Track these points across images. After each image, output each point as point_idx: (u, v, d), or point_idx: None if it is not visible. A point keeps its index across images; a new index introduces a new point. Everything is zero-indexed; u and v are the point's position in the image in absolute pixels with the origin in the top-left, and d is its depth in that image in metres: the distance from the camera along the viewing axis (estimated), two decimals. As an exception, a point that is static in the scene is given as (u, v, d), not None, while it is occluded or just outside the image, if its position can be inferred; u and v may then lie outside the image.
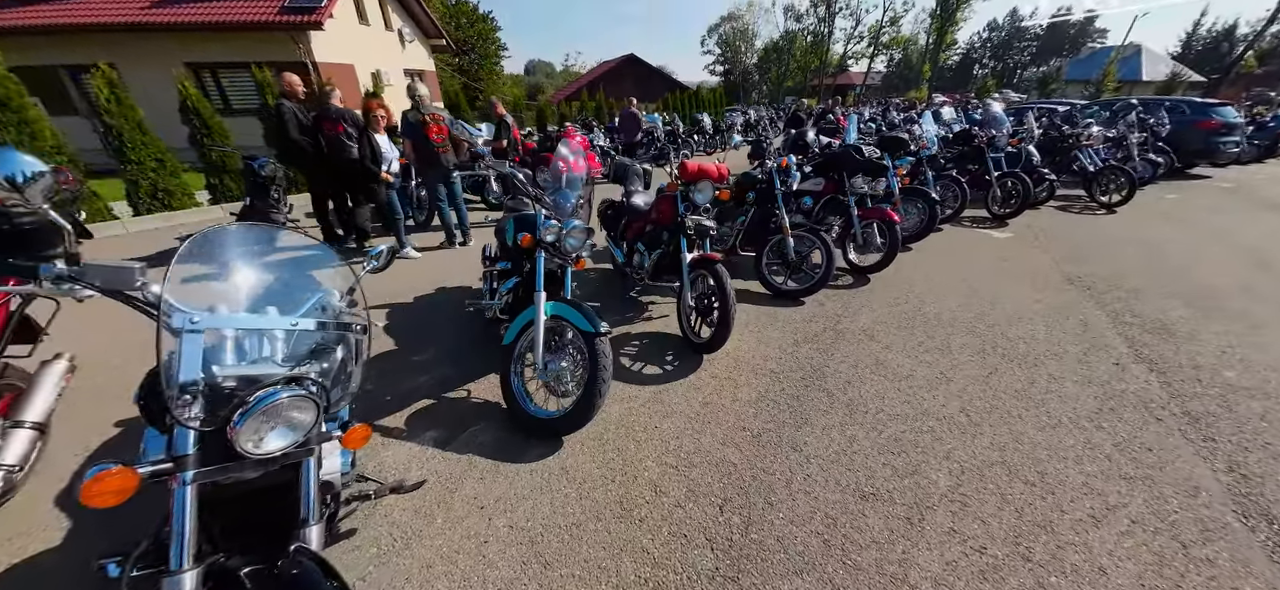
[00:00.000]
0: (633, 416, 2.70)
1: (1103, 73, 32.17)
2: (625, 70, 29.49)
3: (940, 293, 4.35)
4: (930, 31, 50.96)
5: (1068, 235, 6.11)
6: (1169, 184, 9.43)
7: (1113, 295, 4.25)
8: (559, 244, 2.64)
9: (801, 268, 4.27)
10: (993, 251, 5.53)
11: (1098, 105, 11.80)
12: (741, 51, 62.40)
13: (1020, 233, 6.28)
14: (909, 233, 5.70)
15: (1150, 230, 6.25)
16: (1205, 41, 55.64)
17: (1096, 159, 7.84)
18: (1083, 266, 4.99)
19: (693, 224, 3.40)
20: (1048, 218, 7.06)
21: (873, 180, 4.83)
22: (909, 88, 54.08)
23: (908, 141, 5.75)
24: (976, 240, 6.00)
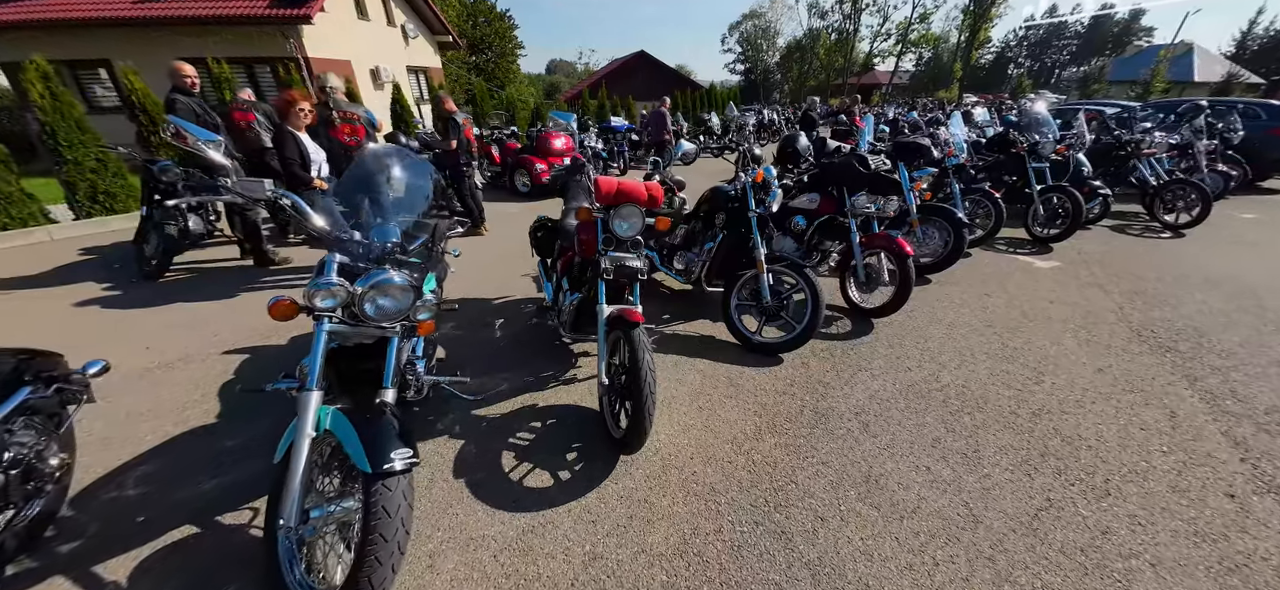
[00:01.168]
0: (476, 576, 1.75)
1: (1151, 72, 29.76)
2: (637, 68, 28.44)
3: (966, 351, 3.28)
4: (962, 28, 48.44)
5: (1128, 266, 4.91)
6: (1241, 200, 8.00)
7: (1202, 363, 3.11)
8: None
9: (780, 313, 3.26)
10: (1035, 288, 4.39)
11: (1155, 107, 10.31)
12: (763, 50, 60.74)
13: (1069, 261, 5.10)
14: (930, 261, 4.62)
15: (1230, 260, 5.00)
16: (1262, 40, 51.56)
17: (1160, 171, 6.54)
18: (1153, 312, 3.84)
19: (612, 264, 2.43)
20: (1101, 241, 5.83)
21: (881, 198, 3.77)
22: (939, 88, 51.63)
23: (928, 149, 4.65)
24: (1014, 271, 4.85)
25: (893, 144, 4.78)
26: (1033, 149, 5.62)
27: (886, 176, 3.63)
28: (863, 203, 3.69)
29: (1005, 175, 5.97)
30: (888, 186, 3.69)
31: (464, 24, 35.49)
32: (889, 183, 3.66)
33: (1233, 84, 30.55)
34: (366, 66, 15.24)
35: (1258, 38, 51.63)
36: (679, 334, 3.59)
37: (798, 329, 3.12)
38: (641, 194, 2.47)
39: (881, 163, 3.68)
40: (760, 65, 61.07)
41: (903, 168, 4.61)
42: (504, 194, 8.71)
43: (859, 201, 3.69)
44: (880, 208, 3.79)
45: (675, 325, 3.72)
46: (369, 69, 15.38)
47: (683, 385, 2.93)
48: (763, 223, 3.22)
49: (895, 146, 4.73)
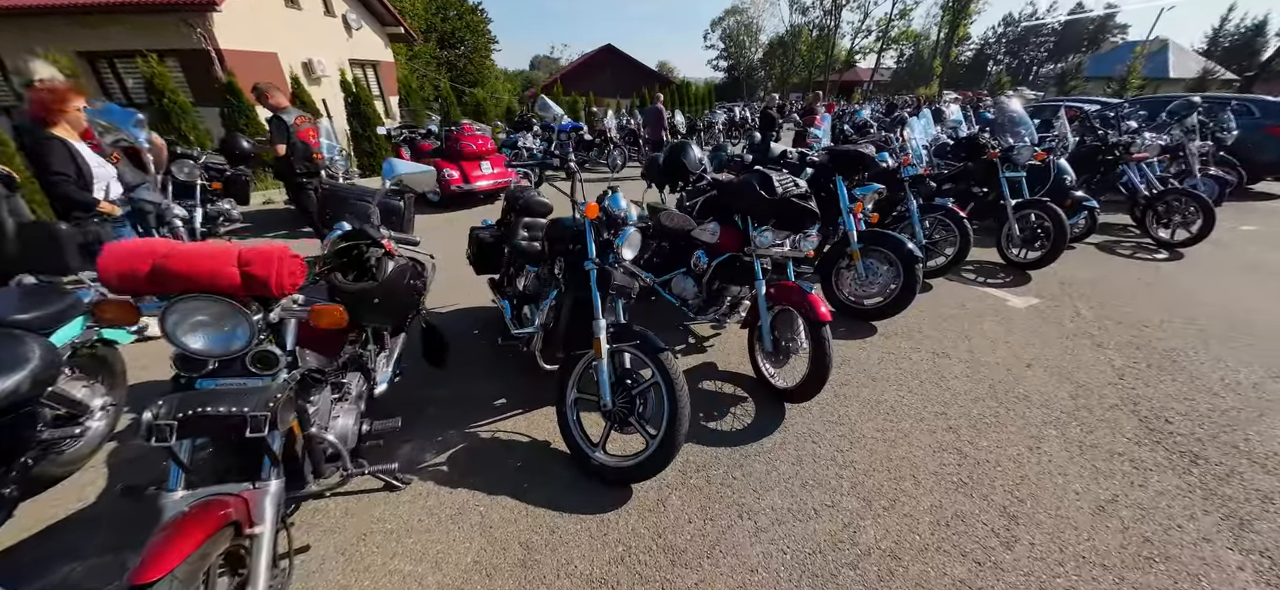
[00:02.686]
0: None
1: (1128, 68, 29.18)
2: (603, 62, 27.11)
3: (905, 472, 2.21)
4: (942, 25, 47.86)
5: (1124, 304, 3.90)
6: (1237, 208, 7.10)
7: (1244, 485, 2.09)
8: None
9: (629, 417, 2.16)
10: (1008, 341, 3.35)
11: (1142, 103, 9.41)
12: (746, 46, 59.69)
13: (1051, 296, 4.08)
14: (877, 303, 3.57)
15: (1244, 294, 4.02)
16: (1232, 37, 51.68)
17: (1152, 177, 5.57)
18: (1165, 384, 2.81)
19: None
20: (1088, 264, 4.83)
21: (793, 233, 2.69)
22: (920, 85, 51.05)
23: (870, 158, 3.59)
24: (982, 312, 3.81)
25: (827, 153, 3.71)
26: (1007, 155, 4.60)
27: (797, 203, 2.55)
28: (767, 240, 2.60)
29: (975, 186, 4.94)
30: (799, 217, 2.60)
31: (433, 17, 33.89)
32: (801, 212, 2.57)
33: (1208, 80, 30.15)
34: (297, 60, 13.83)
35: (1229, 34, 51.78)
36: (497, 437, 2.48)
37: (652, 443, 2.03)
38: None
39: (789, 183, 2.58)
40: (743, 62, 60.10)
41: (840, 184, 3.56)
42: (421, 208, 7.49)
43: (763, 238, 2.60)
44: (795, 244, 2.70)
45: (494, 423, 2.60)
46: (300, 62, 13.96)
47: (447, 559, 1.81)
48: (604, 280, 2.11)
49: (830, 156, 3.67)
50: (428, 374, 2.74)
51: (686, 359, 3.15)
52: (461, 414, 2.60)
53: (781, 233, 2.67)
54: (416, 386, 2.79)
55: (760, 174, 2.64)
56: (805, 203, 2.60)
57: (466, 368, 3.04)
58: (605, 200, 2.29)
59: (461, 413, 2.61)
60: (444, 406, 2.67)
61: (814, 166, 3.79)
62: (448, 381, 2.85)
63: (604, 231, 2.24)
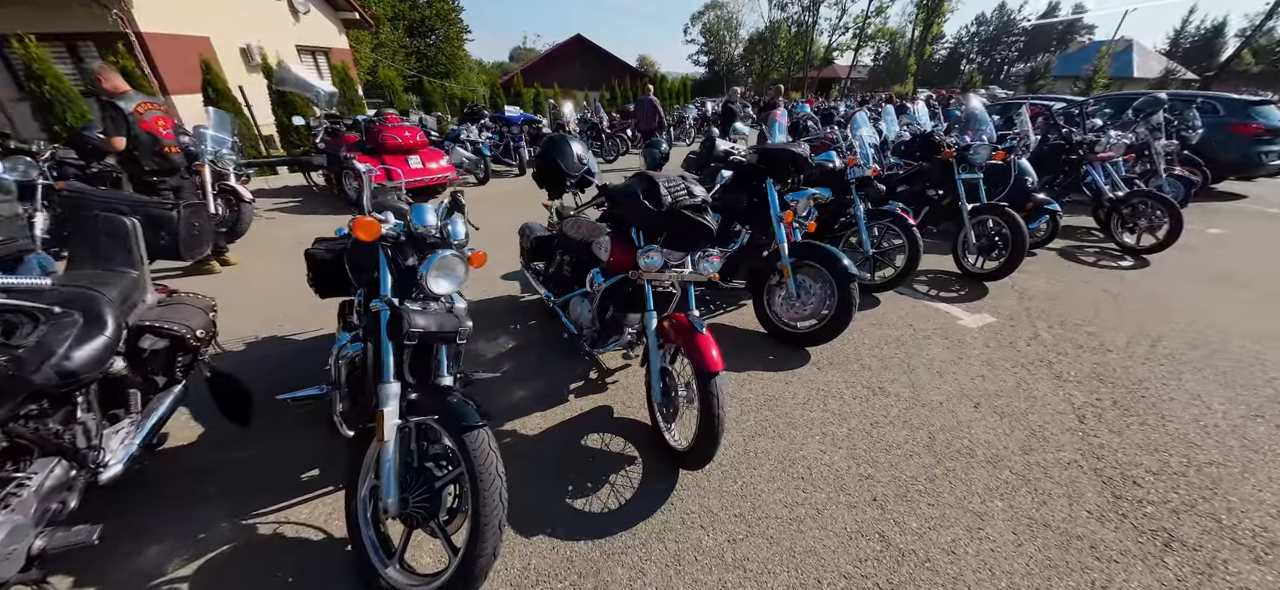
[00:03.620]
0: None
1: (1093, 68, 29.54)
2: (574, 54, 26.25)
3: (813, 569, 1.70)
4: (916, 22, 48.08)
5: (1086, 324, 3.47)
6: (1201, 209, 6.84)
7: (1229, 576, 1.63)
8: None
9: (430, 520, 1.58)
10: (955, 372, 2.88)
11: (1107, 101, 9.15)
12: (726, 41, 59.24)
13: (1007, 313, 3.63)
14: (810, 327, 3.06)
15: (1214, 307, 3.64)
16: (1193, 39, 53.08)
17: (1116, 178, 5.20)
18: (1132, 432, 2.37)
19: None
20: (1048, 273, 4.42)
21: (692, 251, 2.14)
22: (895, 82, 51.25)
23: (804, 158, 3.07)
24: (931, 333, 3.34)
25: (755, 153, 3.18)
26: (963, 155, 4.14)
27: (688, 217, 2.01)
28: (654, 261, 2.05)
29: (929, 188, 4.48)
30: (691, 233, 2.06)
31: (400, 4, 32.53)
32: (691, 227, 2.03)
33: (1170, 79, 30.71)
34: (234, 44, 12.83)
35: (1189, 35, 53.17)
36: (281, 533, 1.89)
37: (453, 562, 1.46)
38: None
39: (683, 192, 2.04)
40: (724, 57, 59.70)
41: (771, 188, 3.04)
42: (326, 206, 6.73)
43: (648, 259, 2.05)
44: (696, 263, 2.15)
45: (288, 508, 2.00)
46: (238, 48, 12.97)
47: None
48: (395, 326, 1.53)
49: (759, 156, 3.14)
50: (235, 431, 2.14)
51: (579, 402, 2.60)
52: (252, 492, 2.00)
53: (676, 252, 2.12)
54: (213, 448, 2.18)
55: (646, 179, 2.08)
56: (699, 215, 2.05)
57: (284, 423, 2.41)
58: (417, 214, 1.70)
59: (253, 490, 2.01)
60: (233, 480, 2.07)
61: (739, 168, 3.26)
62: (256, 441, 2.24)
63: (411, 254, 1.66)
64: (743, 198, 3.31)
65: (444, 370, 1.71)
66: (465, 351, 3.02)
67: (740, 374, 2.83)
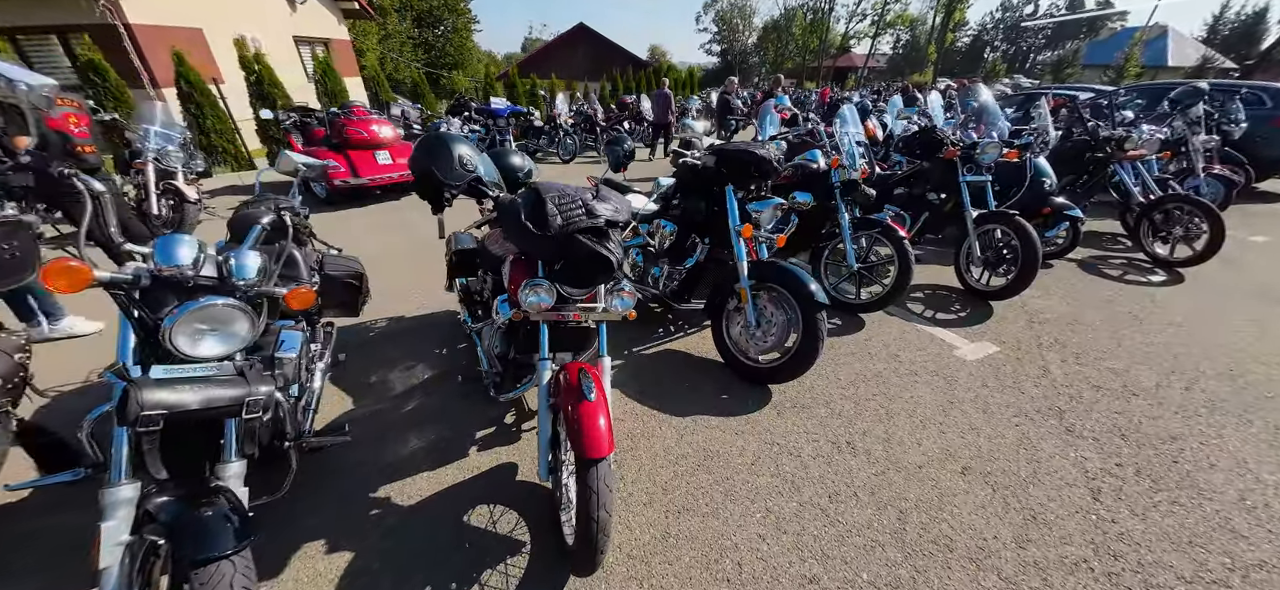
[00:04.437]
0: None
1: (1125, 56, 27.94)
2: (578, 43, 25.59)
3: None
4: (937, 9, 46.32)
5: (1107, 357, 2.93)
6: (1242, 212, 6.14)
7: None
8: None
9: None
10: (940, 423, 2.39)
11: (1140, 91, 8.36)
12: (739, 30, 57.93)
13: (1013, 341, 3.10)
14: (774, 363, 2.59)
15: (1265, 339, 3.06)
16: (1233, 25, 50.18)
17: (1149, 180, 4.57)
18: (1160, 511, 1.87)
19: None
20: (1065, 291, 3.85)
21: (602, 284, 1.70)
22: (915, 71, 49.57)
23: (768, 162, 2.58)
24: (918, 367, 2.83)
25: (713, 153, 2.70)
26: (968, 154, 3.59)
27: (583, 244, 1.56)
28: (539, 299, 1.60)
29: (930, 191, 3.94)
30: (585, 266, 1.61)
31: (408, -5, 32.23)
32: (586, 258, 1.58)
33: (1208, 68, 28.94)
34: (228, 35, 12.59)
35: (1229, 22, 50.28)
36: None
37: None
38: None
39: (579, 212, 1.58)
40: (737, 46, 58.47)
41: (731, 196, 2.57)
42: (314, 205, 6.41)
43: (531, 296, 1.60)
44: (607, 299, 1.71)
45: None
46: (232, 39, 12.73)
47: None
48: (121, 407, 1.11)
49: (717, 157, 2.66)
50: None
51: (480, 458, 2.17)
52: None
53: (578, 287, 1.67)
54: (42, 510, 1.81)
55: (533, 193, 1.63)
56: (598, 242, 1.60)
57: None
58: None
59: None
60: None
61: (695, 172, 2.79)
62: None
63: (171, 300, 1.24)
64: (701, 205, 2.85)
65: (231, 454, 1.29)
66: (374, 384, 2.63)
67: (683, 419, 2.38)
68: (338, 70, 15.60)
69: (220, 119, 7.64)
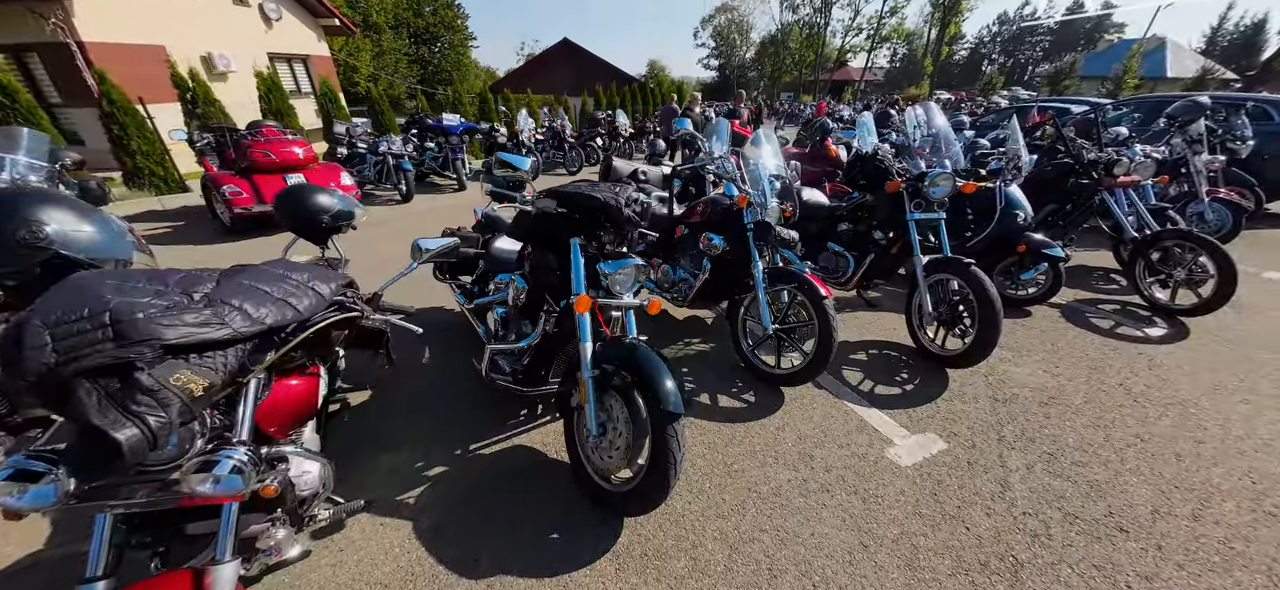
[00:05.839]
0: None
1: (1122, 67, 27.10)
2: (561, 58, 25.03)
3: None
4: (932, 22, 45.78)
5: (1092, 453, 2.18)
6: (1252, 240, 5.37)
7: None
8: None
9: None
10: (848, 582, 1.66)
11: (1134, 104, 7.61)
12: (737, 45, 57.66)
13: (967, 431, 2.35)
14: (624, 486, 1.87)
15: (1302, 429, 2.31)
16: (1231, 36, 49.21)
17: (1143, 209, 3.82)
18: None
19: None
20: (1042, 351, 3.09)
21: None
22: (912, 84, 48.96)
23: (616, 210, 1.89)
24: (833, 477, 2.09)
25: (554, 198, 2.00)
26: (916, 187, 2.86)
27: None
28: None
29: (877, 229, 3.21)
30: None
31: (404, 11, 32.11)
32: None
33: (1208, 80, 28.03)
34: (195, 52, 12.15)
35: (1228, 33, 49.34)
36: None
37: None
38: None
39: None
40: (735, 60, 58.27)
41: (576, 251, 1.89)
42: (211, 233, 5.68)
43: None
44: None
45: None
46: (199, 56, 12.30)
47: None
48: None
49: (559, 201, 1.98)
50: None
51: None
52: None
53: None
54: None
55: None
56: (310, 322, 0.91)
57: None
58: None
59: None
60: None
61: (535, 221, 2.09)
62: None
63: None
64: (552, 261, 2.15)
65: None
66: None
67: (478, 582, 1.66)
68: (301, 86, 15.16)
69: (147, 140, 7.05)
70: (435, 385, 2.76)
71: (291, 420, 1.42)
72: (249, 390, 1.18)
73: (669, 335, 3.36)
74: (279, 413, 1.37)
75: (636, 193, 2.03)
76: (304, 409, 1.43)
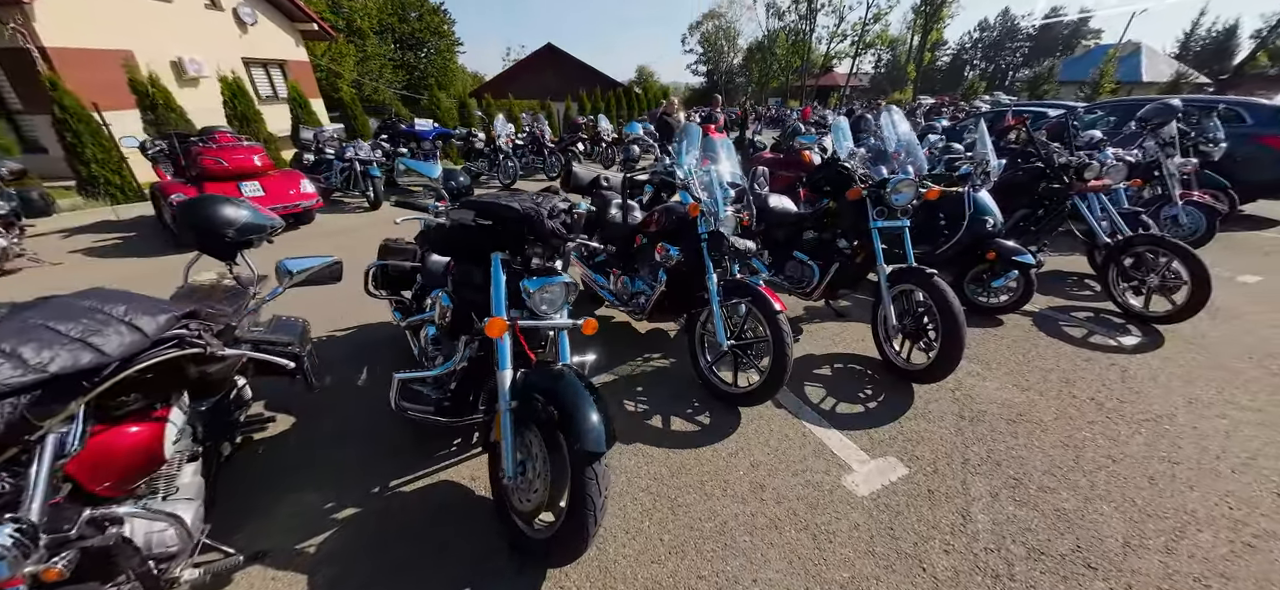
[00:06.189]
0: None
1: (1099, 71, 27.49)
2: (545, 63, 24.87)
3: None
4: (914, 29, 46.37)
5: (1062, 477, 2.03)
6: (1227, 242, 5.31)
7: None
8: None
9: None
10: (789, 629, 1.48)
11: (1108, 107, 7.59)
12: (724, 51, 57.95)
13: (930, 453, 2.19)
14: (545, 531, 1.67)
15: (1276, 437, 2.18)
16: (1204, 41, 50.34)
17: (1115, 213, 3.71)
18: None
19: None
20: (1012, 363, 2.95)
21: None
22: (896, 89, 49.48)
23: (542, 223, 1.70)
24: (784, 511, 1.92)
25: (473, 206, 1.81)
26: (878, 194, 2.71)
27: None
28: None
29: (841, 237, 3.06)
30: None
31: (389, 17, 31.74)
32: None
33: (1182, 84, 28.52)
34: (165, 58, 11.80)
35: (1200, 39, 50.46)
36: None
37: None
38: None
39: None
40: (722, 66, 58.56)
41: (497, 267, 1.70)
42: (159, 245, 5.41)
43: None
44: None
45: None
46: (169, 61, 11.95)
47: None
48: None
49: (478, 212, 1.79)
50: None
51: None
52: None
53: None
54: None
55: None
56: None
57: None
58: None
59: None
60: None
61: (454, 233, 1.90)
62: None
63: None
64: (477, 277, 1.95)
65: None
66: None
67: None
68: (304, 93, 14.81)
69: (103, 148, 6.75)
70: (366, 410, 2.54)
71: (130, 474, 1.21)
72: (45, 449, 0.98)
73: (631, 350, 3.18)
74: (109, 467, 1.17)
75: (566, 202, 1.84)
76: (145, 460, 1.22)
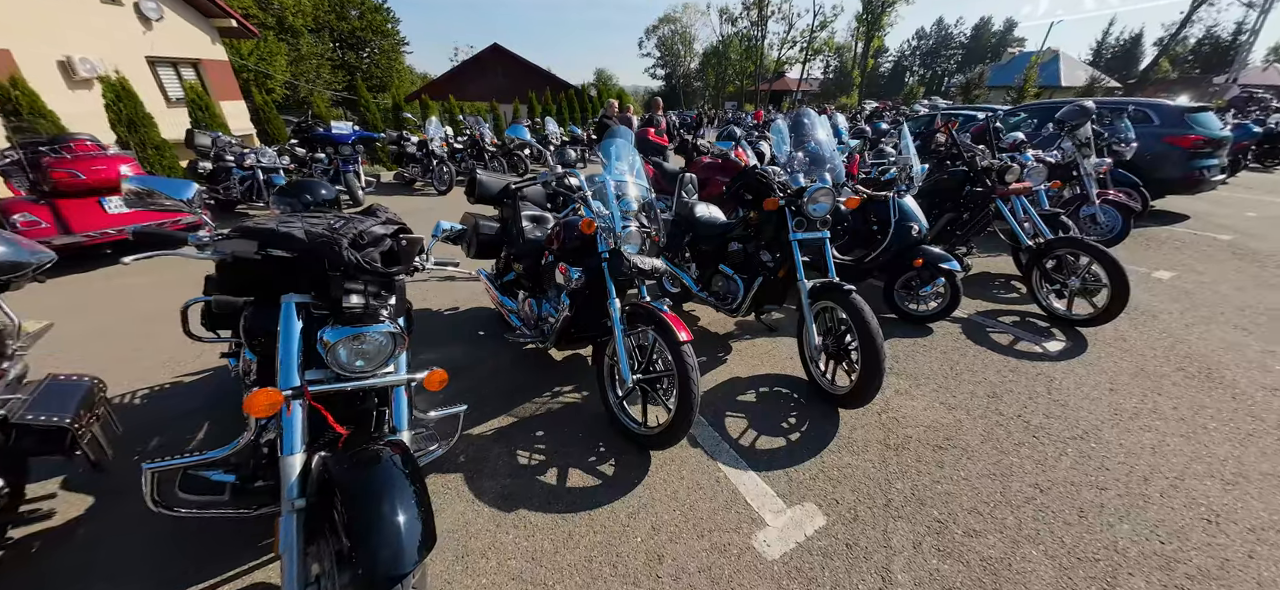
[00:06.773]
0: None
1: (1024, 77, 29.28)
2: (492, 63, 24.06)
3: None
4: (857, 36, 48.22)
5: (989, 516, 1.83)
6: (1141, 239, 5.50)
7: None
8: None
9: None
10: None
11: (1028, 110, 7.84)
12: (681, 55, 58.38)
13: (850, 495, 1.94)
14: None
15: (1201, 444, 2.07)
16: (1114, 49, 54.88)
17: (1036, 216, 3.65)
18: None
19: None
20: (939, 380, 2.78)
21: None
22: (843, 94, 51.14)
23: (333, 248, 1.31)
24: (691, 578, 1.63)
25: (254, 237, 1.41)
26: (797, 204, 2.48)
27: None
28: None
29: (764, 249, 2.81)
30: None
31: (325, 15, 29.96)
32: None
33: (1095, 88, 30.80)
34: (50, 57, 10.48)
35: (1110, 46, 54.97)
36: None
37: None
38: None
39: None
40: (680, 70, 58.99)
41: (287, 308, 1.27)
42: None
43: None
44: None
45: None
46: (56, 61, 10.62)
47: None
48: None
49: (260, 240, 1.36)
50: None
51: None
52: None
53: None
54: None
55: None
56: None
57: None
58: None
59: None
60: None
61: (227, 269, 1.49)
62: None
63: None
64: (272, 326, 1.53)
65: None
66: None
67: None
68: (212, 96, 13.52)
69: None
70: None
71: None
72: None
73: (543, 383, 2.82)
74: None
75: (390, 223, 1.47)
76: None
